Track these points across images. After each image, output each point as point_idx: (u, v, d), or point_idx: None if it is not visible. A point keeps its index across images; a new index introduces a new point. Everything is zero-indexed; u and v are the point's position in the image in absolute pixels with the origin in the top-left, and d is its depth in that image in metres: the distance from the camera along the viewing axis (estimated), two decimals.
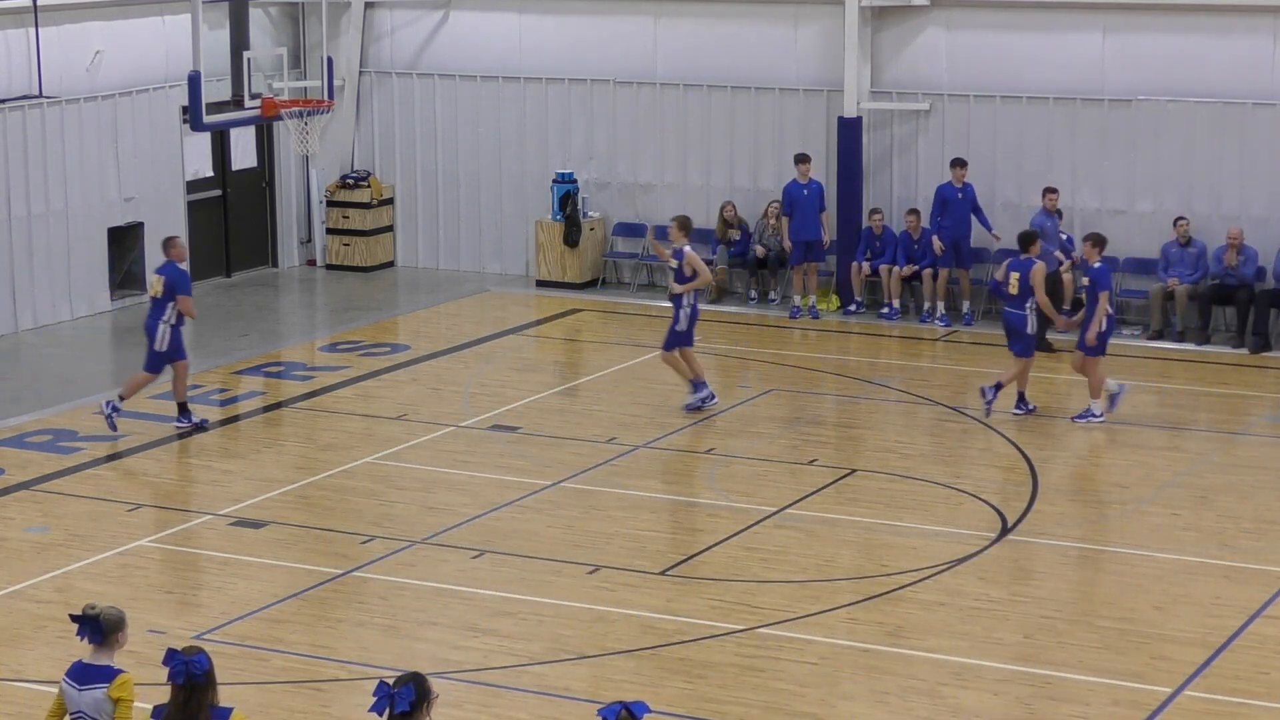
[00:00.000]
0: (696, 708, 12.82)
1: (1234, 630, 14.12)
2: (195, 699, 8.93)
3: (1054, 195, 23.18)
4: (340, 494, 17.52)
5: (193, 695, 8.93)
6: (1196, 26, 23.53)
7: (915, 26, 24.84)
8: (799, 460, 18.52)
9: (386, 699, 8.65)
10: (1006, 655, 13.76)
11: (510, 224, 27.17)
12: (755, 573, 15.45)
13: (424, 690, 8.66)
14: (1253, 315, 22.69)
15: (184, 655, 8.94)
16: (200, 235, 26.43)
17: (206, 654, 8.99)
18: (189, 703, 8.93)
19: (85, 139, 24.38)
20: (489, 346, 23.20)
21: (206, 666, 8.93)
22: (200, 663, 8.92)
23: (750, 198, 25.64)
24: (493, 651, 13.79)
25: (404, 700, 8.64)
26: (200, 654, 8.96)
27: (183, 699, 8.93)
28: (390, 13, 27.65)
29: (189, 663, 8.91)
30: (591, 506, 17.10)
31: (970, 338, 23.55)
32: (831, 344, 23.33)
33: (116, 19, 24.91)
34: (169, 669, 8.92)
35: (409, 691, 8.67)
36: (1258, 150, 23.29)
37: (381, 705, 8.65)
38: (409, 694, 8.67)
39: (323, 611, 14.62)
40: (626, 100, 26.35)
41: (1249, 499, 17.28)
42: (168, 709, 9.00)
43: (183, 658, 8.93)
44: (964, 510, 16.97)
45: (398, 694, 8.66)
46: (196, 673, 8.91)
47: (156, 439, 19.15)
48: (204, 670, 8.92)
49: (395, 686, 8.69)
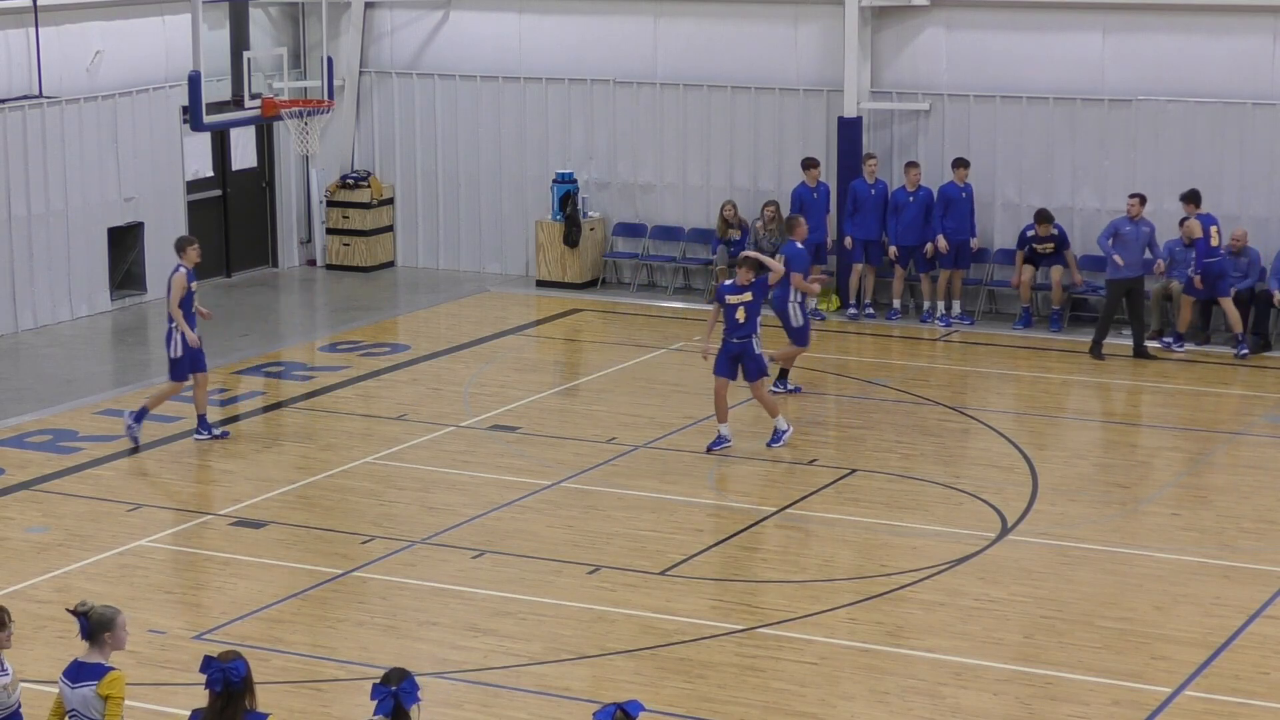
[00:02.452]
0: (696, 708, 12.82)
1: (1234, 630, 14.12)
2: (233, 706, 8.90)
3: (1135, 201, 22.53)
4: (340, 494, 17.52)
5: (230, 702, 8.90)
6: (1196, 26, 23.53)
7: (915, 26, 24.84)
8: (799, 460, 18.52)
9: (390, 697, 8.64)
10: (1006, 655, 13.76)
11: (510, 224, 27.18)
12: (755, 573, 15.45)
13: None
14: (1253, 315, 22.69)
15: (221, 662, 8.90)
16: (200, 235, 26.24)
17: (244, 660, 8.94)
18: (226, 709, 8.90)
19: (85, 139, 24.38)
20: (489, 346, 23.20)
21: (244, 673, 8.90)
22: (238, 669, 8.88)
23: (750, 198, 25.63)
24: (493, 651, 13.79)
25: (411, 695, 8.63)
26: (237, 660, 8.91)
27: (220, 705, 8.90)
28: (390, 13, 27.65)
29: (226, 669, 8.87)
30: (591, 506, 17.10)
31: (969, 337, 23.55)
32: (831, 344, 23.32)
33: (116, 19, 24.91)
34: (206, 676, 8.89)
35: (412, 684, 8.67)
36: (1258, 150, 23.29)
37: (387, 705, 8.64)
38: (413, 687, 8.68)
39: (323, 611, 14.62)
40: (626, 100, 26.35)
41: (1249, 499, 17.28)
42: (204, 715, 8.98)
43: (220, 665, 8.88)
44: (964, 510, 16.97)
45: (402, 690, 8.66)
46: (234, 679, 8.87)
47: (156, 439, 19.15)
48: (241, 677, 8.89)
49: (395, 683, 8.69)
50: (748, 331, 18.53)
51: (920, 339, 23.53)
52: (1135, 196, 22.34)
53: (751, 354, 18.59)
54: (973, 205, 24.10)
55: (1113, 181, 23.79)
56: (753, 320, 18.56)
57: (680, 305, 25.24)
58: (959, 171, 23.98)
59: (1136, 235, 22.20)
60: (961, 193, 24.01)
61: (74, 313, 24.30)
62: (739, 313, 18.44)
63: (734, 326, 18.49)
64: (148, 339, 23.64)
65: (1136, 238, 22.20)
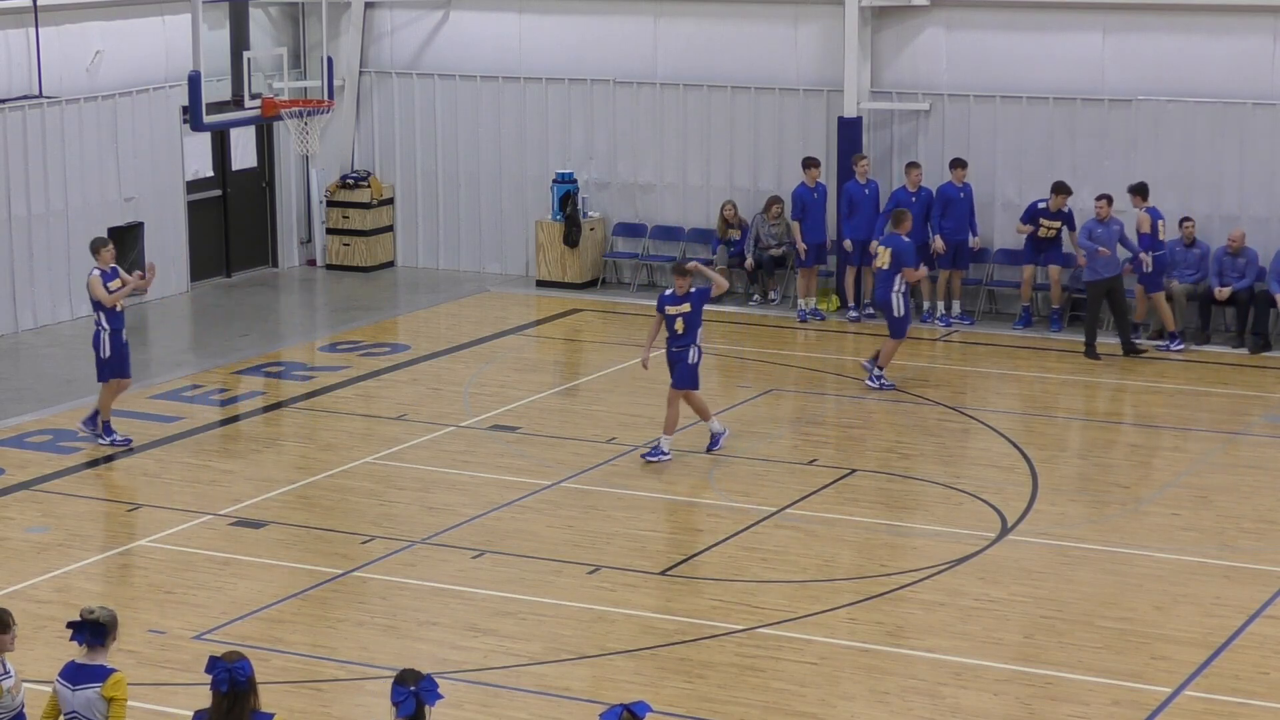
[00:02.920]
0: (696, 708, 12.82)
1: (1234, 630, 14.12)
2: (238, 706, 8.90)
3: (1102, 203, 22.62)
4: (340, 494, 17.52)
5: (235, 703, 8.90)
6: (1196, 26, 23.53)
7: (915, 26, 24.84)
8: (799, 460, 18.52)
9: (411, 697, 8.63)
10: (1006, 655, 13.76)
11: (510, 224, 27.18)
12: (755, 573, 15.44)
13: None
14: (1252, 315, 22.69)
15: (226, 663, 8.89)
16: (200, 235, 26.43)
17: (248, 660, 8.94)
18: (232, 710, 8.90)
19: (85, 139, 24.38)
20: (489, 346, 23.20)
21: (249, 673, 8.90)
22: (243, 669, 8.88)
23: (750, 198, 25.64)
24: (493, 651, 13.79)
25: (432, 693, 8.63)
26: (242, 661, 8.91)
27: (226, 706, 8.90)
28: (390, 13, 27.65)
29: (232, 670, 8.87)
30: (591, 506, 17.10)
31: (969, 337, 23.55)
32: (831, 344, 23.33)
33: (116, 19, 24.91)
34: (212, 677, 8.88)
35: (431, 682, 8.67)
36: (1258, 150, 23.28)
37: (410, 706, 8.64)
38: (433, 684, 8.68)
39: (323, 611, 14.62)
40: (626, 100, 26.35)
41: (1249, 499, 17.28)
42: (210, 715, 8.98)
43: (225, 665, 8.88)
44: (964, 510, 16.97)
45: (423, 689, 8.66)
46: (240, 679, 8.87)
47: (156, 439, 19.15)
48: (247, 677, 8.89)
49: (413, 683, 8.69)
50: (685, 341, 18.35)
51: (920, 339, 23.53)
52: (1103, 198, 22.42)
53: (685, 361, 18.40)
54: (972, 205, 24.09)
55: (1113, 181, 23.76)
56: (691, 330, 18.38)
57: None
58: (957, 171, 23.99)
59: (1108, 235, 22.26)
60: (960, 193, 24.01)
61: (74, 313, 24.27)
62: (677, 323, 18.34)
63: (672, 336, 18.43)
64: (147, 339, 23.64)
65: (1109, 238, 22.25)
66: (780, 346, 23.17)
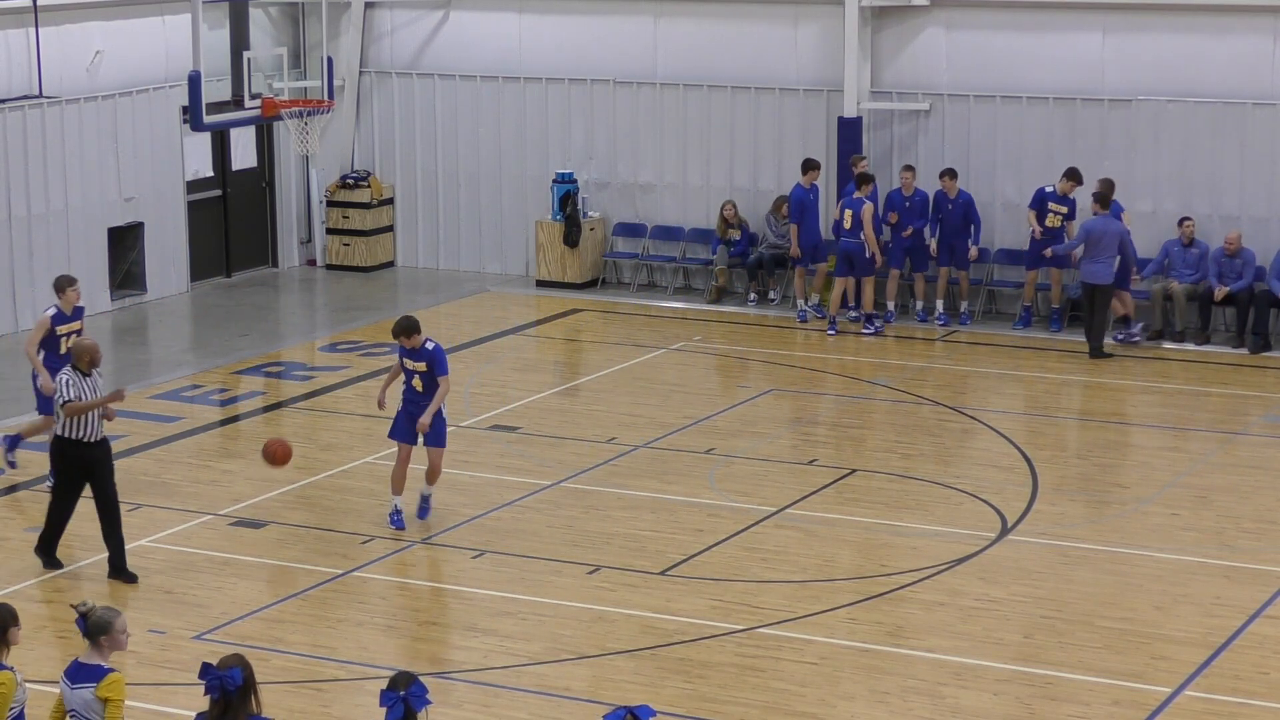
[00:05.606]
0: (696, 708, 12.82)
1: (1234, 630, 14.12)
2: (231, 712, 8.93)
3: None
4: (340, 494, 17.52)
5: (228, 709, 8.93)
6: (1196, 26, 23.53)
7: (915, 26, 24.84)
8: (799, 460, 18.52)
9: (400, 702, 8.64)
10: (1006, 655, 13.76)
11: (510, 224, 27.17)
12: (755, 573, 15.44)
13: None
14: (1253, 315, 22.70)
15: (218, 670, 8.93)
16: (200, 235, 26.43)
17: (242, 666, 8.97)
18: (224, 716, 8.93)
19: (85, 139, 24.38)
20: (489, 346, 23.20)
21: (240, 681, 8.93)
22: (234, 677, 8.90)
23: (750, 198, 25.64)
24: (493, 651, 13.79)
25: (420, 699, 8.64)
26: (233, 669, 8.94)
27: (218, 712, 8.94)
28: (390, 13, 27.65)
29: (223, 678, 8.90)
30: (591, 506, 17.10)
31: (969, 337, 23.55)
32: (831, 344, 23.32)
33: (116, 19, 24.91)
34: (204, 683, 8.91)
35: (420, 688, 8.67)
36: (1258, 150, 23.28)
37: (398, 710, 8.64)
38: (422, 690, 8.68)
39: (323, 611, 14.62)
40: (626, 100, 26.35)
41: (1249, 499, 17.28)
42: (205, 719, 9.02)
43: (217, 672, 8.91)
44: (964, 510, 16.97)
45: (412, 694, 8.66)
46: (230, 688, 8.90)
47: (156, 439, 19.15)
48: (238, 685, 8.92)
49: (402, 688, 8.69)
50: (427, 402, 16.37)
51: (920, 339, 23.53)
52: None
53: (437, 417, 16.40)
54: (973, 216, 23.99)
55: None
56: (430, 392, 16.34)
57: (680, 305, 25.24)
58: (946, 182, 23.90)
59: (1108, 236, 22.31)
60: (949, 204, 23.96)
61: None
62: (415, 381, 16.44)
63: (412, 394, 16.54)
64: (148, 339, 23.65)
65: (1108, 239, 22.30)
66: (780, 346, 23.17)
